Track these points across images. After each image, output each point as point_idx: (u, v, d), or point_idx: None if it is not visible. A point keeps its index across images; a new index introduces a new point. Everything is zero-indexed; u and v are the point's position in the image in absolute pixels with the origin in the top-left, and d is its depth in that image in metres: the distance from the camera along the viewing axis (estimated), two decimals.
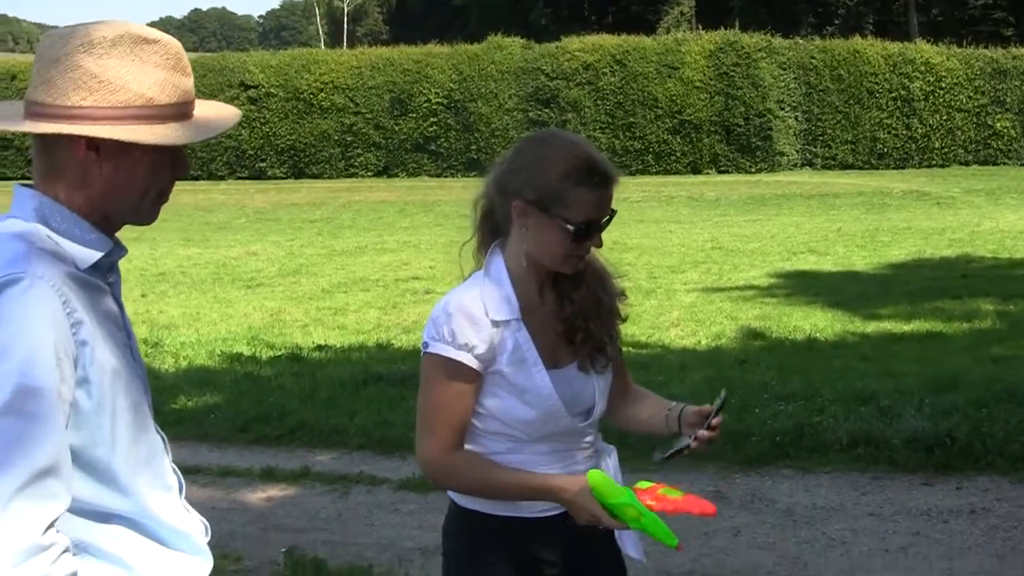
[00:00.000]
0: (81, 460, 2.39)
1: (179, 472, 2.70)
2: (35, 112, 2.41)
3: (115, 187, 2.45)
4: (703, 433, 3.15)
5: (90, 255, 2.45)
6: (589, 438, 3.30)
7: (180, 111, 2.47)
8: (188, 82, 2.50)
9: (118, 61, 2.39)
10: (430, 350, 3.14)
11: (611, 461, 3.37)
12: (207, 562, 2.68)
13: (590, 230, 3.09)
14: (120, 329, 2.54)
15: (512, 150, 3.26)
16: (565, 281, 3.22)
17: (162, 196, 2.54)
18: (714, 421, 3.14)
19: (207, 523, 2.74)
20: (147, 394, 2.62)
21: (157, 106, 2.43)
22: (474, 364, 3.12)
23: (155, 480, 2.56)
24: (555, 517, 3.23)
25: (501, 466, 3.20)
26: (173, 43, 2.47)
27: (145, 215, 2.54)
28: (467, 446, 3.24)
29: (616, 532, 3.31)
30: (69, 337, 2.33)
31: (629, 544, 3.35)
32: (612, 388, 3.35)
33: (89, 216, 2.46)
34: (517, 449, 3.18)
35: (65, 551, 2.29)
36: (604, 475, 3.05)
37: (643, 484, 3.06)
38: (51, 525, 2.26)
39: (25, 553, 2.21)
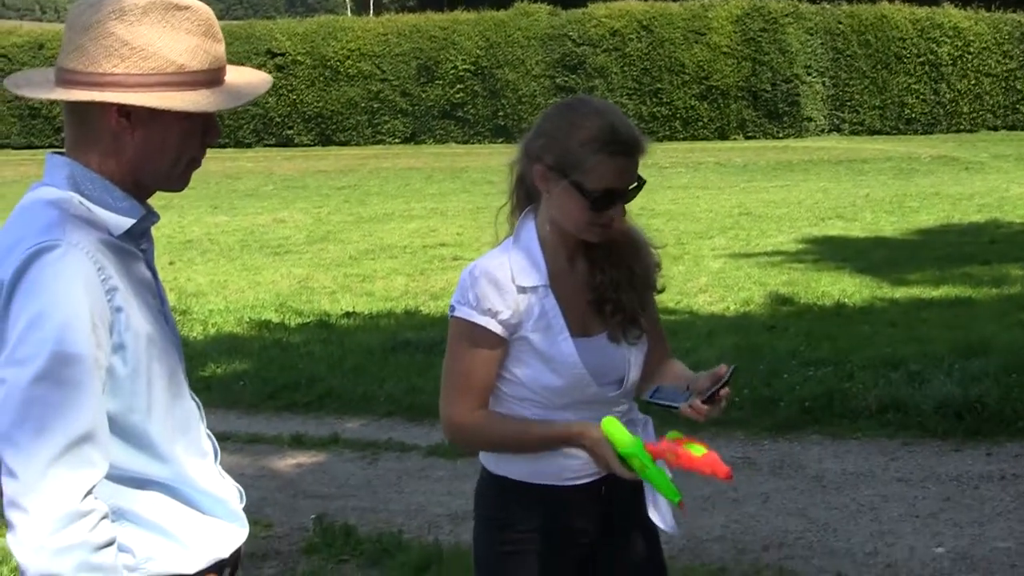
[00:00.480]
0: (117, 426, 2.40)
1: (213, 438, 2.71)
2: (67, 79, 2.41)
3: (147, 154, 2.45)
4: (698, 405, 3.07)
5: (123, 221, 2.46)
6: (622, 407, 3.28)
7: (211, 77, 2.46)
8: (219, 48, 2.49)
9: (149, 28, 2.38)
10: (455, 314, 3.16)
11: (643, 433, 3.32)
12: (243, 528, 2.69)
13: (611, 199, 3.06)
14: (154, 296, 2.55)
15: (541, 115, 3.26)
16: (597, 250, 3.20)
17: (193, 163, 2.54)
18: (722, 392, 3.08)
19: (241, 489, 2.75)
20: (181, 361, 2.63)
21: (188, 73, 2.42)
22: (498, 329, 3.13)
23: (190, 446, 2.57)
24: (584, 485, 3.24)
25: (521, 418, 3.21)
26: (204, 9, 2.46)
27: (176, 181, 2.54)
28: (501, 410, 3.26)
29: (648, 504, 3.29)
30: (104, 303, 2.34)
31: (660, 517, 3.31)
32: (648, 359, 3.32)
33: (121, 182, 2.46)
34: (545, 416, 3.17)
35: (104, 517, 2.31)
36: (616, 422, 3.04)
37: (673, 435, 3.04)
38: (89, 492, 2.28)
39: (64, 519, 2.23)
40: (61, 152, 2.49)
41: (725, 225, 18.90)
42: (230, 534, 2.65)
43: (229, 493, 2.68)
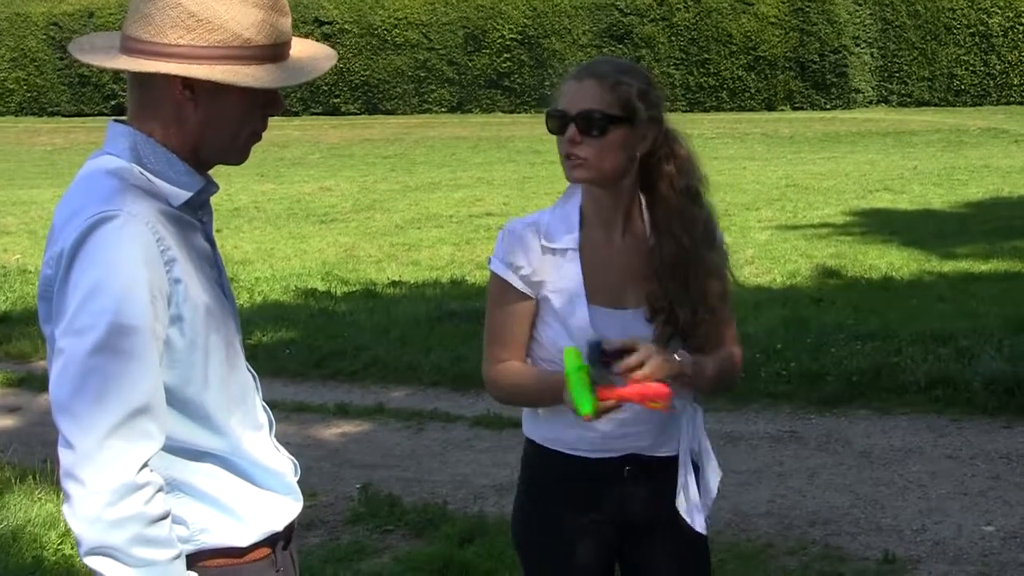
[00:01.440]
0: (174, 398, 2.40)
1: (269, 410, 2.71)
2: (132, 48, 2.40)
3: (209, 126, 2.44)
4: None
5: (182, 192, 2.45)
6: None
7: (276, 52, 2.45)
8: (286, 22, 2.47)
9: (235, 8, 2.37)
10: (489, 266, 3.25)
11: (691, 424, 3.27)
12: (297, 501, 2.69)
13: (560, 120, 3.10)
14: (212, 266, 2.54)
15: None
16: (665, 251, 3.15)
17: (255, 136, 2.54)
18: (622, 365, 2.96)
19: (296, 462, 2.74)
20: (238, 332, 2.62)
21: (254, 47, 2.40)
22: (519, 285, 3.17)
23: (246, 418, 2.57)
24: (603, 460, 3.22)
25: (531, 369, 3.25)
26: None
27: (236, 154, 2.54)
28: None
29: (679, 504, 3.22)
30: (163, 275, 2.33)
31: (687, 510, 3.24)
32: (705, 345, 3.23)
33: (182, 153, 2.45)
34: None
35: (159, 490, 2.30)
36: (576, 351, 2.98)
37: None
38: (145, 464, 2.27)
39: (120, 492, 2.22)
40: (123, 120, 2.49)
41: (772, 197, 18.80)
42: (284, 507, 2.65)
43: (284, 466, 2.67)
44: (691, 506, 3.23)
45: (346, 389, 8.83)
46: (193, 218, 2.50)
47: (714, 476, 3.32)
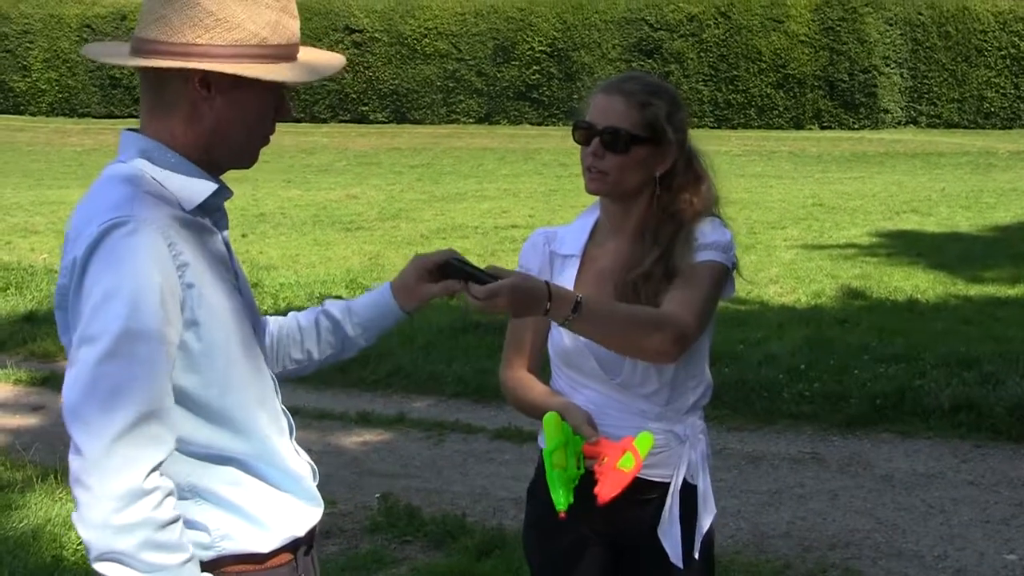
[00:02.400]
0: (194, 402, 2.41)
1: (289, 414, 2.71)
2: (148, 49, 2.42)
3: (224, 124, 2.46)
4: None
5: (196, 196, 2.46)
6: (645, 407, 3.23)
7: (288, 52, 2.49)
8: (295, 25, 2.52)
9: (246, 7, 2.40)
10: None
11: (692, 453, 3.26)
12: (318, 507, 2.69)
13: (587, 132, 3.16)
14: (228, 270, 2.55)
15: None
16: (656, 250, 3.19)
17: (265, 139, 2.56)
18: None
19: (315, 466, 2.75)
20: (259, 335, 2.63)
21: (269, 46, 2.44)
22: None
23: (268, 422, 2.57)
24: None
25: (537, 385, 3.32)
26: None
27: (247, 157, 2.55)
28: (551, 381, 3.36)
29: (660, 530, 3.22)
30: (176, 279, 2.34)
31: (669, 540, 3.23)
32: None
33: (194, 156, 2.47)
34: (570, 392, 3.25)
35: (169, 495, 2.31)
36: (555, 419, 3.03)
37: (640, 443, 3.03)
38: (154, 469, 2.28)
39: (127, 498, 2.23)
40: (134, 129, 2.51)
41: (798, 216, 18.74)
42: (305, 513, 2.65)
43: (305, 470, 2.68)
44: (673, 535, 3.22)
45: (368, 398, 8.84)
46: (208, 222, 2.52)
47: (707, 515, 3.29)
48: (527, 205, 20.24)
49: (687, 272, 3.15)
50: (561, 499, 2.95)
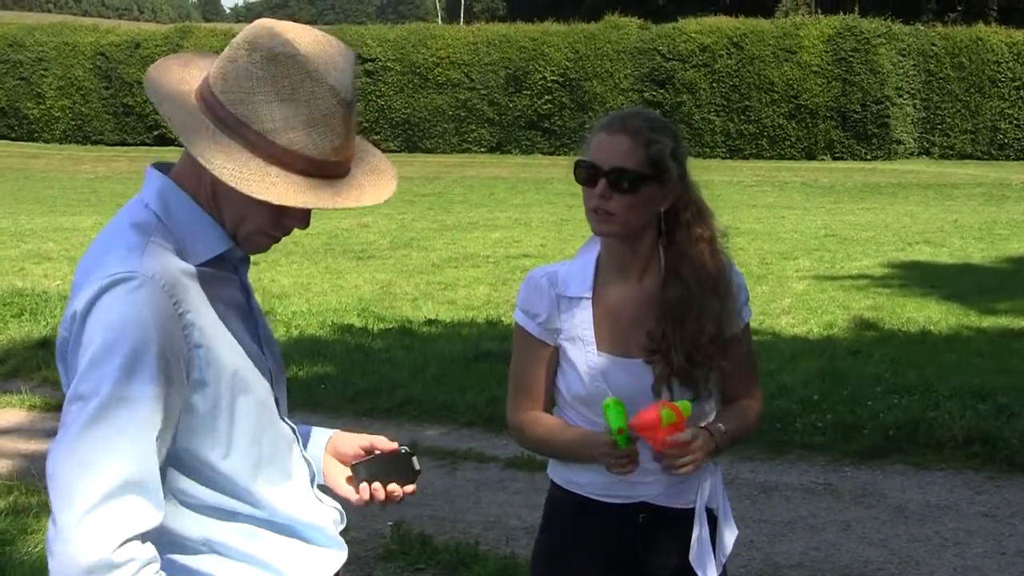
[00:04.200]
0: (197, 461, 2.36)
1: (311, 461, 2.66)
2: (202, 89, 2.32)
3: (220, 196, 2.37)
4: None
5: (206, 252, 2.38)
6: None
7: (327, 171, 2.34)
8: (341, 141, 2.33)
9: (284, 105, 2.26)
10: (514, 315, 3.35)
11: (711, 479, 3.31)
12: (341, 551, 2.65)
13: (590, 172, 3.13)
14: (246, 316, 2.49)
15: None
16: (670, 294, 3.20)
17: (263, 235, 2.44)
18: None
19: (341, 509, 2.71)
20: (279, 383, 2.57)
21: (307, 159, 2.30)
22: (536, 332, 3.27)
23: (278, 475, 2.51)
24: (616, 506, 3.28)
25: (564, 425, 3.31)
26: (345, 91, 2.31)
27: (242, 242, 2.45)
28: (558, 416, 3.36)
29: (692, 557, 3.24)
30: (180, 341, 2.28)
31: (701, 565, 3.26)
32: (724, 391, 3.34)
33: (208, 206, 2.39)
34: (592, 429, 3.23)
35: (148, 564, 2.22)
36: (616, 401, 3.08)
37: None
38: (129, 540, 2.18)
39: (95, 570, 2.15)
40: (161, 165, 2.46)
41: (810, 247, 18.75)
42: (327, 559, 2.61)
43: (325, 517, 2.62)
44: (704, 560, 3.25)
45: (380, 426, 8.82)
46: (222, 271, 2.44)
47: (730, 534, 3.36)
48: (538, 235, 20.27)
49: (739, 346, 3.32)
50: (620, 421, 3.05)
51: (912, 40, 40.57)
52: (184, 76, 2.39)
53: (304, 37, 2.27)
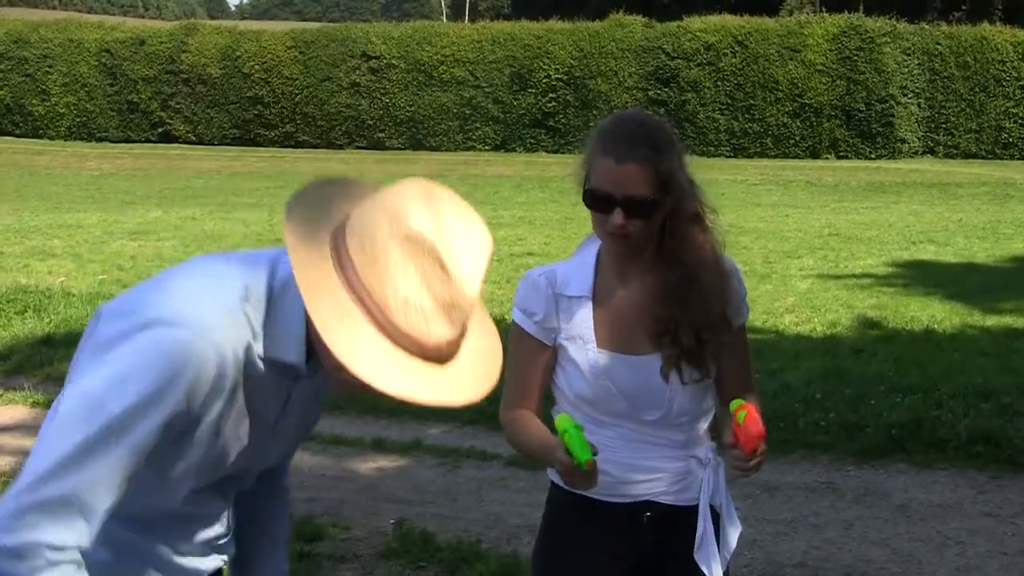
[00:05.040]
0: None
1: (229, 550, 2.65)
2: (337, 232, 2.23)
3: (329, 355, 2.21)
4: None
5: (277, 353, 2.32)
6: (675, 436, 3.28)
7: (423, 351, 2.21)
8: (448, 331, 2.20)
9: (410, 285, 2.15)
10: (512, 314, 3.34)
11: (713, 475, 3.32)
12: None
13: (604, 201, 3.07)
14: (268, 429, 2.43)
15: None
16: (668, 278, 3.19)
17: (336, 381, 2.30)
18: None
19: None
20: (248, 480, 2.56)
21: (419, 344, 2.19)
22: (534, 331, 3.27)
23: (178, 543, 2.50)
24: (619, 505, 3.27)
25: (535, 429, 3.28)
26: (466, 283, 2.19)
27: (333, 383, 2.35)
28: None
29: (697, 553, 3.25)
30: (196, 406, 2.23)
31: (706, 562, 3.27)
32: (721, 393, 3.33)
33: (313, 339, 2.27)
34: (592, 430, 3.18)
35: (74, 563, 2.17)
36: (575, 426, 2.98)
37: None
38: (53, 548, 2.13)
39: (19, 549, 2.11)
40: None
41: (814, 245, 18.74)
42: None
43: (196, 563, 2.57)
44: (709, 556, 3.26)
45: (384, 424, 8.83)
46: (278, 375, 2.37)
47: (733, 530, 3.35)
48: (543, 233, 20.26)
49: (737, 343, 3.31)
50: (584, 451, 2.89)
51: (917, 39, 40.54)
52: (328, 211, 2.30)
53: (447, 219, 2.20)
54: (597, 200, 3.09)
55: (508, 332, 3.24)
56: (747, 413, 3.05)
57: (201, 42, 45.05)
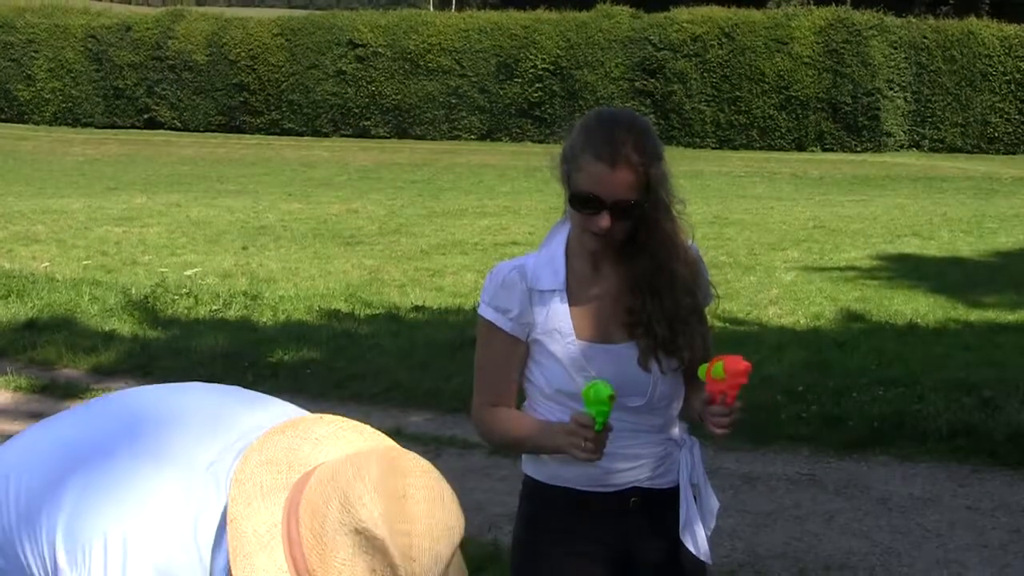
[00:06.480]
0: None
1: None
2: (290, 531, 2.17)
3: None
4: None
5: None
6: (654, 421, 3.30)
7: None
8: None
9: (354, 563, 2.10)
10: (479, 309, 3.31)
11: (689, 455, 3.35)
12: None
13: (591, 204, 3.07)
14: None
15: None
16: (639, 269, 3.20)
17: None
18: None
19: None
20: None
21: None
22: (507, 327, 3.23)
23: None
24: (610, 494, 3.28)
25: (520, 416, 3.29)
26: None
27: None
28: (528, 411, 3.33)
29: (680, 525, 3.28)
30: None
31: (692, 541, 3.30)
32: (686, 372, 3.33)
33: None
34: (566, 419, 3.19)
35: None
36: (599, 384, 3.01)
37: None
38: None
39: None
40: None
41: (798, 238, 18.75)
42: None
43: None
44: (695, 535, 3.28)
45: (365, 411, 8.80)
46: None
47: (713, 506, 3.37)
48: (527, 222, 20.25)
49: (702, 316, 3.33)
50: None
51: (904, 33, 40.57)
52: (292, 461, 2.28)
53: (408, 505, 2.12)
54: (586, 204, 3.09)
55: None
56: (723, 362, 3.06)
57: (187, 29, 44.90)
